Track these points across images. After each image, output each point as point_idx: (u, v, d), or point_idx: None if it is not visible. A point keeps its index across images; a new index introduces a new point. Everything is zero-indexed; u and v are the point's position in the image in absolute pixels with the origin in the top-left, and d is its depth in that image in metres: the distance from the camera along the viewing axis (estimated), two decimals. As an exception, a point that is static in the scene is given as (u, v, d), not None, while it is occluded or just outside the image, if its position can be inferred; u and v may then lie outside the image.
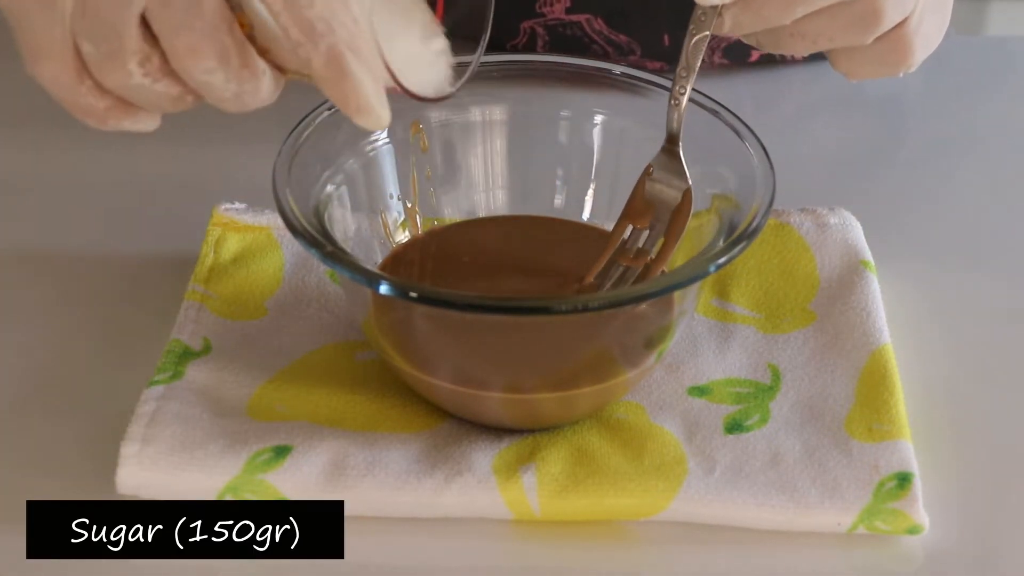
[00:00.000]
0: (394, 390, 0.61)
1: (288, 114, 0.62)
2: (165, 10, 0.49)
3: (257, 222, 0.70)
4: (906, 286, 0.69)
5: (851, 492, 0.57)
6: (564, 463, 0.58)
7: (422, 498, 0.57)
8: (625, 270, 0.62)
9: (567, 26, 0.83)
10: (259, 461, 0.57)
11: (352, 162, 0.63)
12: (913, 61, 0.61)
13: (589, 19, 0.82)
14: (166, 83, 0.51)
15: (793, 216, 0.70)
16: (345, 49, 0.49)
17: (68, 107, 0.52)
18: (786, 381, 0.63)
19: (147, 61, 0.50)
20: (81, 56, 0.50)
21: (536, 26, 0.83)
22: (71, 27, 0.50)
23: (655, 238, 0.62)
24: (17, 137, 0.81)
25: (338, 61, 0.49)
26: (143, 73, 0.50)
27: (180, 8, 0.49)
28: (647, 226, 0.62)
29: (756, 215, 0.57)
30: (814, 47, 0.60)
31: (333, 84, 0.49)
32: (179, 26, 0.49)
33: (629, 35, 0.83)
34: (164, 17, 0.49)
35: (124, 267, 0.70)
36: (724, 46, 0.84)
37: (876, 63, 0.62)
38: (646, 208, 0.62)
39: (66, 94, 0.51)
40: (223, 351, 0.63)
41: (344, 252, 0.57)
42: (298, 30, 0.49)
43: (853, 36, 0.59)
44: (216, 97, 0.51)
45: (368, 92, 0.50)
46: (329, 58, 0.49)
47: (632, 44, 0.83)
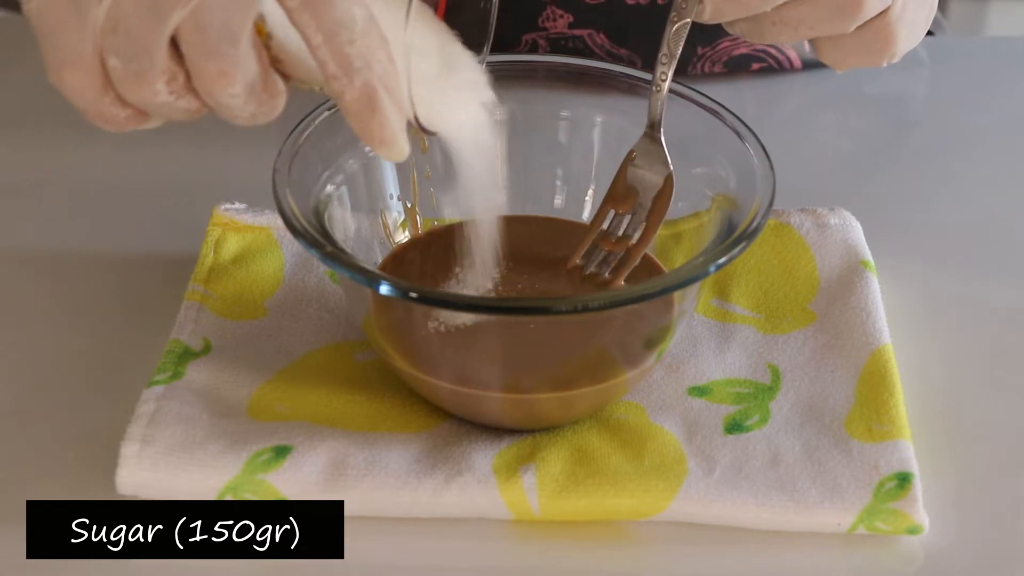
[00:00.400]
0: (394, 390, 0.61)
1: (288, 114, 0.62)
2: (199, 35, 0.49)
3: (257, 222, 0.70)
4: (906, 286, 0.69)
5: (851, 492, 0.57)
6: (564, 463, 0.58)
7: (422, 498, 0.57)
8: (607, 254, 0.62)
9: (569, 39, 0.83)
10: (259, 461, 0.57)
11: (352, 162, 0.63)
12: (897, 50, 0.62)
13: (591, 33, 0.82)
14: (187, 99, 0.51)
15: (793, 216, 0.70)
16: (379, 86, 0.50)
17: (88, 115, 0.52)
18: (786, 381, 0.63)
19: (173, 80, 0.50)
20: (107, 70, 0.50)
21: (539, 39, 0.84)
22: (100, 42, 0.50)
23: (637, 223, 0.62)
24: (17, 137, 0.81)
25: (371, 98, 0.50)
26: (168, 92, 0.50)
27: (215, 34, 0.49)
28: (629, 211, 0.63)
29: (756, 215, 0.57)
30: (796, 35, 0.60)
31: (361, 118, 0.50)
32: (212, 52, 0.49)
33: (629, 49, 0.83)
34: (197, 42, 0.49)
35: (124, 267, 0.70)
36: (725, 60, 0.85)
37: (860, 52, 0.62)
38: (628, 194, 0.63)
39: (88, 105, 0.51)
40: (223, 351, 0.63)
41: (344, 252, 0.57)
42: (336, 65, 0.49)
43: (835, 24, 0.59)
44: (232, 115, 0.52)
45: (394, 128, 0.51)
46: (363, 94, 0.50)
47: (633, 57, 0.83)
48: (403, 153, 0.51)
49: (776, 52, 0.86)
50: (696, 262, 0.56)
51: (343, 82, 0.49)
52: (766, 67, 0.86)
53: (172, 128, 0.58)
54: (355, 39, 0.49)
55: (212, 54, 0.49)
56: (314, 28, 0.49)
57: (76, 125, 0.54)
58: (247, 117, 0.52)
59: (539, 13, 0.82)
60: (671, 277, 0.56)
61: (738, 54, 0.85)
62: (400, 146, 0.51)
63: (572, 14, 0.82)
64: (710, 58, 0.84)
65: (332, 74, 0.49)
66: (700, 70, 0.85)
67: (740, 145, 0.61)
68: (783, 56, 0.86)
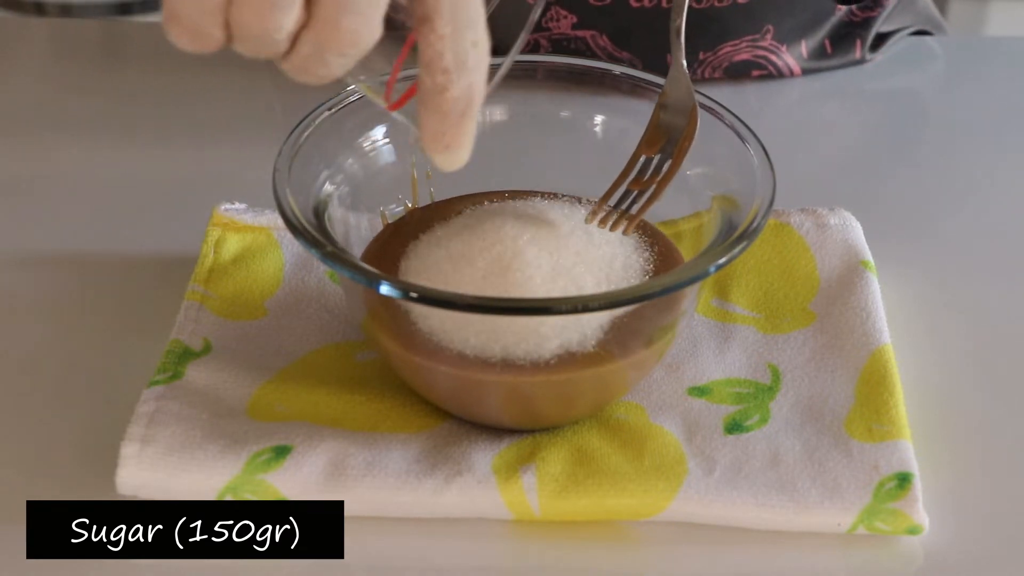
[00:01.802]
0: (394, 390, 0.61)
1: (288, 114, 0.62)
2: None
3: (257, 222, 0.70)
4: (906, 286, 0.69)
5: (851, 492, 0.57)
6: (564, 463, 0.58)
7: (422, 498, 0.57)
8: (636, 195, 0.62)
9: (572, 41, 0.83)
10: (259, 461, 0.57)
11: (352, 162, 0.63)
12: None
13: (594, 35, 0.82)
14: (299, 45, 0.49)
15: (793, 216, 0.70)
16: (478, 92, 0.50)
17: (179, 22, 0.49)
18: (786, 381, 0.63)
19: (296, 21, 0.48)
20: None
21: (541, 39, 0.84)
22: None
23: (663, 162, 0.62)
24: (17, 137, 0.81)
25: (470, 100, 0.50)
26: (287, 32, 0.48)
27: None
28: (657, 152, 0.63)
29: (756, 215, 0.57)
30: None
31: (451, 118, 0.50)
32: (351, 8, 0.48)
33: (632, 52, 0.83)
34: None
35: (124, 267, 0.70)
36: (725, 66, 0.85)
37: None
38: (659, 136, 0.63)
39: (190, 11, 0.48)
40: (223, 351, 0.63)
41: (344, 252, 0.57)
42: (453, 58, 0.49)
43: None
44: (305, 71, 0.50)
45: (472, 136, 0.51)
46: (464, 95, 0.50)
47: (634, 60, 0.84)
48: (463, 161, 0.52)
49: (776, 59, 0.86)
50: (696, 262, 0.56)
51: (452, 77, 0.49)
52: (766, 74, 0.86)
53: (172, 128, 0.58)
54: (478, 42, 0.50)
55: (350, 10, 0.48)
56: (448, 18, 0.49)
57: (76, 125, 0.54)
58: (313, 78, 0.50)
59: (543, 13, 0.82)
60: (671, 277, 0.56)
61: (739, 60, 0.85)
62: (466, 155, 0.52)
63: (576, 15, 0.82)
64: (711, 63, 0.85)
65: (444, 67, 0.49)
66: (701, 75, 0.85)
67: (740, 145, 0.61)
68: (783, 63, 0.86)
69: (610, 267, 0.60)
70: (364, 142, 0.64)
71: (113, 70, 0.89)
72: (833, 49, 0.87)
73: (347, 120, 0.63)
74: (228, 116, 0.83)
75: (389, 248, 0.63)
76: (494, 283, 0.57)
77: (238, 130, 0.82)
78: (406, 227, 0.64)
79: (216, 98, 0.85)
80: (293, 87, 0.54)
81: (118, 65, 0.90)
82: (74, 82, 0.86)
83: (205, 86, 0.85)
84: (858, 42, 0.87)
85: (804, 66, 0.87)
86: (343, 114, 0.63)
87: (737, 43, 0.84)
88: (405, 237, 0.63)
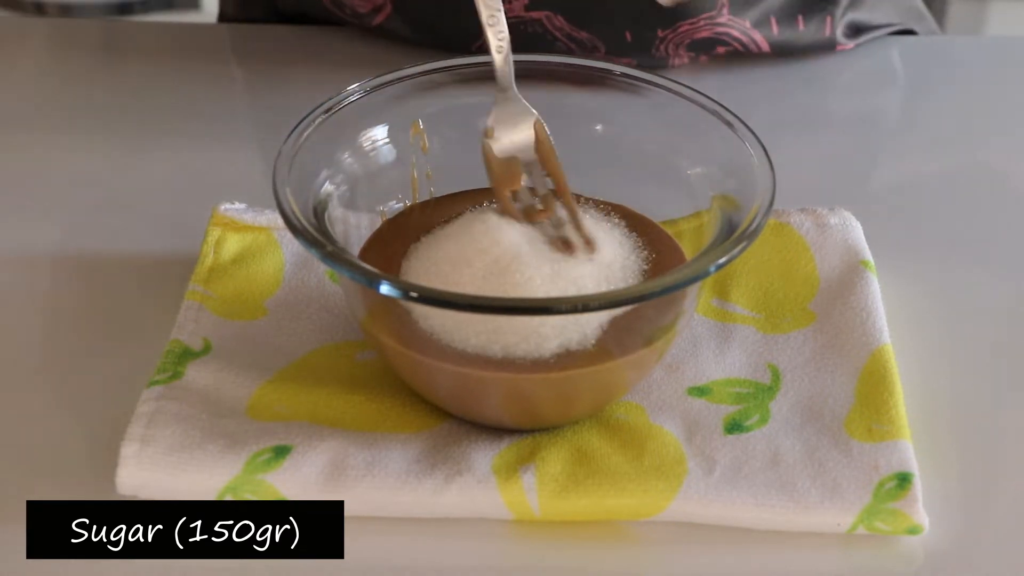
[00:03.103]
0: (394, 390, 0.61)
1: (288, 114, 0.62)
2: None
3: (257, 222, 0.70)
4: (906, 286, 0.69)
5: (851, 492, 0.57)
6: (564, 463, 0.58)
7: (422, 498, 0.57)
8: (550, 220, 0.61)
9: (528, 23, 0.82)
10: (259, 461, 0.57)
11: (352, 162, 0.63)
12: None
13: (549, 16, 0.81)
14: None
15: (793, 216, 0.70)
16: None
17: None
18: (786, 381, 0.63)
19: None
20: None
21: None
22: None
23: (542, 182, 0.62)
24: (17, 137, 0.81)
25: None
26: None
27: None
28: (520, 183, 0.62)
29: (756, 215, 0.57)
30: None
31: None
32: None
33: (590, 32, 0.82)
34: None
35: (124, 267, 0.70)
36: (687, 43, 0.84)
37: None
38: (509, 167, 0.62)
39: None
40: (223, 351, 0.63)
41: (344, 252, 0.57)
42: None
43: None
44: None
45: None
46: None
47: (595, 41, 0.82)
48: None
49: (740, 35, 0.84)
50: (696, 262, 0.56)
51: None
52: (732, 51, 0.85)
53: (172, 128, 0.58)
54: None
55: None
56: None
57: (76, 125, 0.54)
58: None
59: None
60: (671, 277, 0.56)
61: (700, 37, 0.83)
62: None
63: None
64: (672, 41, 0.83)
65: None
66: (664, 52, 0.84)
67: (740, 145, 0.61)
68: (748, 39, 0.84)
69: (610, 267, 0.60)
70: (364, 142, 0.64)
71: (113, 70, 0.88)
72: (805, 24, 0.86)
73: (347, 120, 0.63)
74: (228, 116, 0.83)
75: (389, 248, 0.63)
76: (494, 283, 0.58)
77: (238, 130, 0.82)
78: (406, 227, 0.64)
79: (216, 98, 0.85)
80: (293, 87, 0.54)
81: (118, 65, 0.89)
82: (74, 82, 0.86)
83: (205, 86, 0.85)
84: (828, 19, 0.86)
85: (772, 41, 0.85)
86: (343, 114, 0.63)
87: (695, 21, 0.83)
88: (405, 237, 0.63)
